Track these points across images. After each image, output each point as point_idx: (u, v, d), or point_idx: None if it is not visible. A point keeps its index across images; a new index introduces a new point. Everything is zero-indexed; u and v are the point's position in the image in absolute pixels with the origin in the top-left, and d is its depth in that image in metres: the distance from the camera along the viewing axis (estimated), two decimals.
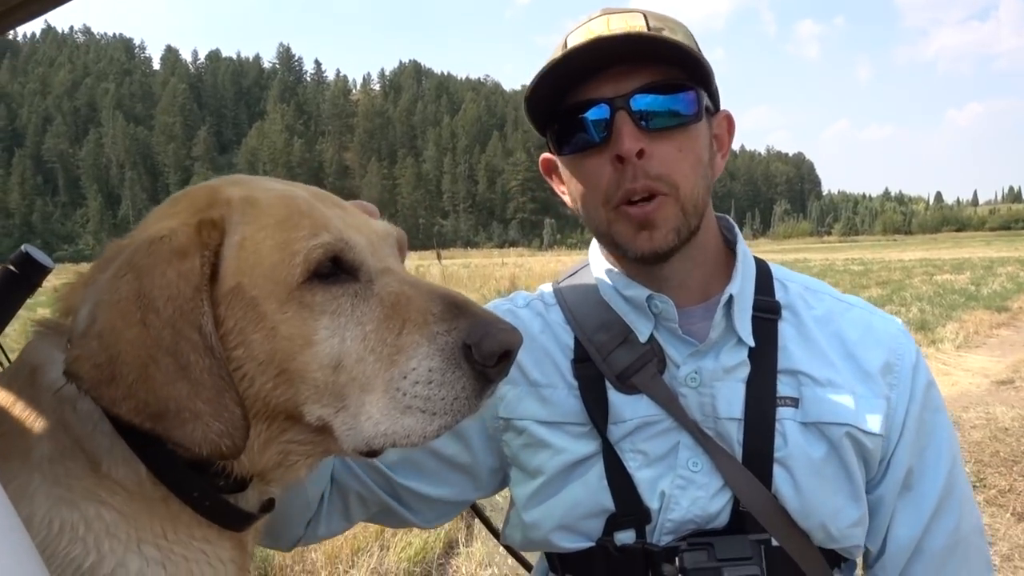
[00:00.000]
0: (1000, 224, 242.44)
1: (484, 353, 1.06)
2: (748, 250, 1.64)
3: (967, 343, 12.10)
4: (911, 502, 1.54)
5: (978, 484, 5.68)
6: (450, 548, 4.74)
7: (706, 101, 1.51)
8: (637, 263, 1.54)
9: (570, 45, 1.47)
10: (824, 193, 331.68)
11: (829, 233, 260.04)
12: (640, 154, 1.42)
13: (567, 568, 1.60)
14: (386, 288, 1.14)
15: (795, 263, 42.62)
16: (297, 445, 1.16)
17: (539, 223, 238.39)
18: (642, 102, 1.43)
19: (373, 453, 1.13)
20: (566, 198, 1.67)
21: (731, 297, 1.52)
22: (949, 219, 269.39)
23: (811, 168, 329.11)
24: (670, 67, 1.45)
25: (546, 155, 1.70)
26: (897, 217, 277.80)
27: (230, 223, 1.12)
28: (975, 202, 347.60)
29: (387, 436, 1.08)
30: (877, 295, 19.67)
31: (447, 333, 1.08)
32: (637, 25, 1.46)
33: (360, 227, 1.21)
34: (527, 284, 23.82)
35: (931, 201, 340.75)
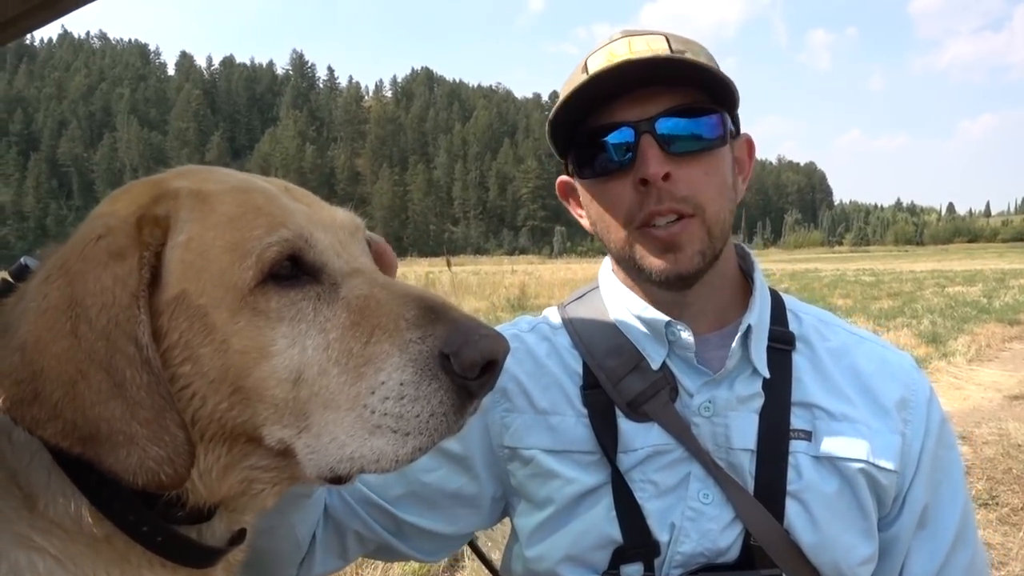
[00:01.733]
0: (1013, 236, 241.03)
1: (464, 363, 0.95)
2: (764, 278, 1.62)
3: (979, 356, 11.94)
4: (927, 539, 1.52)
5: (990, 502, 5.60)
6: (455, 561, 4.71)
7: (730, 124, 1.49)
8: (661, 287, 1.51)
9: (591, 68, 1.46)
10: (835, 203, 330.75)
11: (840, 243, 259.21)
12: (666, 177, 1.40)
13: None
14: (353, 291, 1.02)
15: (806, 273, 42.53)
16: (261, 471, 1.04)
17: (549, 231, 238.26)
18: (667, 125, 1.41)
19: (339, 480, 1.01)
20: (584, 221, 1.64)
21: (749, 327, 1.49)
22: (961, 230, 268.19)
23: (822, 178, 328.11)
24: (693, 90, 1.44)
25: (563, 178, 1.68)
26: (909, 228, 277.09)
27: (176, 220, 1.01)
28: (987, 213, 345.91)
29: (353, 460, 0.97)
30: (888, 307, 19.54)
31: (421, 341, 0.97)
32: (660, 48, 1.44)
33: (326, 223, 1.10)
34: (536, 292, 23.81)
35: (943, 212, 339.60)
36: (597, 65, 1.45)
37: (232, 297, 0.97)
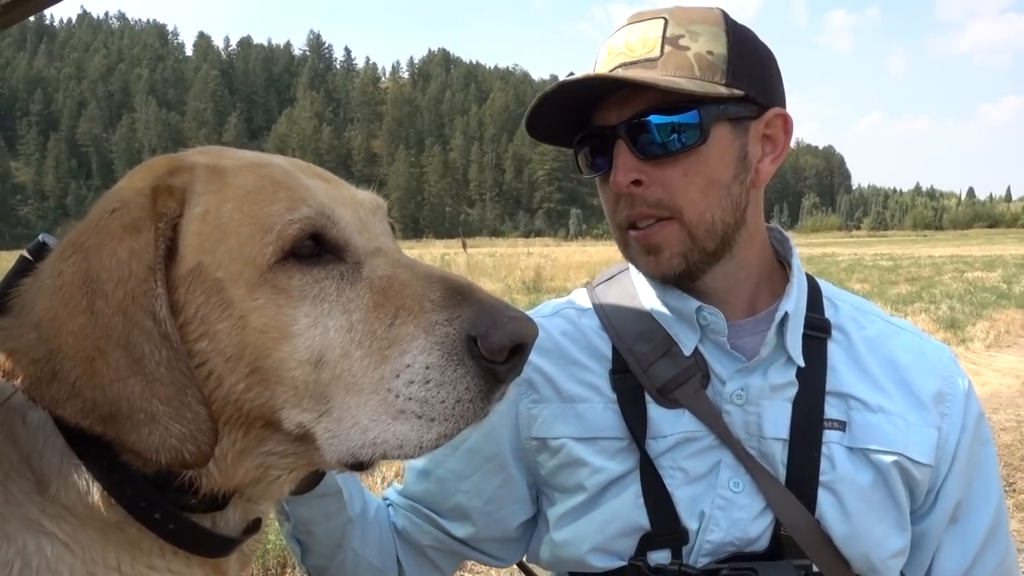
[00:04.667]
0: None
1: (492, 347, 0.92)
2: (801, 265, 1.58)
3: (997, 342, 11.87)
4: (959, 535, 1.52)
5: (1008, 489, 5.56)
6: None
7: (724, 113, 1.41)
8: (660, 282, 1.52)
9: (599, 59, 1.47)
10: (854, 187, 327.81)
11: (858, 227, 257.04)
12: (638, 183, 1.39)
13: None
14: (377, 271, 0.99)
15: (823, 257, 42.23)
16: (278, 457, 1.01)
17: (565, 213, 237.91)
18: (638, 129, 1.38)
19: (360, 466, 0.98)
20: None
21: (786, 314, 1.47)
22: (981, 215, 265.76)
23: (841, 161, 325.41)
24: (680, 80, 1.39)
25: None
26: (928, 212, 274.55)
27: (191, 193, 0.98)
28: (1008, 198, 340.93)
29: (376, 446, 0.93)
30: (906, 292, 19.40)
31: (447, 323, 0.93)
32: (653, 36, 1.41)
33: (347, 200, 1.07)
34: (552, 274, 23.76)
35: (963, 196, 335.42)
36: (598, 59, 1.47)
37: (251, 272, 0.94)
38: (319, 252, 0.98)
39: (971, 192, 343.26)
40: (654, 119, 1.38)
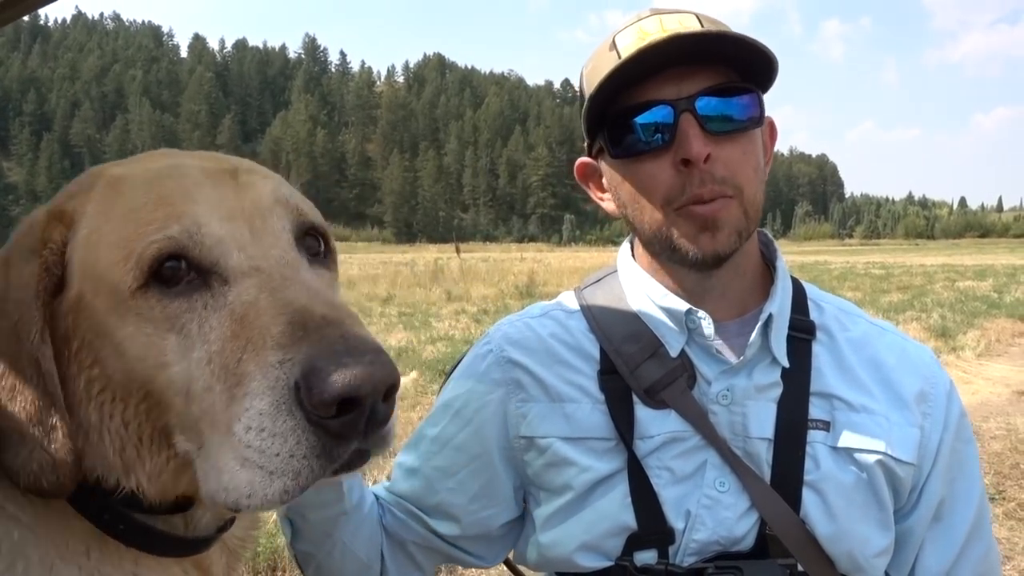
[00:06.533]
0: None
1: (314, 399, 0.79)
2: (786, 267, 1.60)
3: (988, 351, 11.90)
4: (942, 533, 1.53)
5: (997, 497, 5.59)
6: None
7: (764, 105, 1.48)
8: (693, 267, 1.49)
9: (621, 45, 1.44)
10: (847, 195, 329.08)
11: (851, 236, 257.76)
12: (707, 159, 1.39)
13: None
14: (242, 295, 0.89)
15: (815, 265, 42.37)
16: None
17: (559, 219, 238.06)
18: (707, 105, 1.39)
19: (232, 510, 0.91)
20: (606, 204, 1.63)
21: (770, 316, 1.48)
22: (972, 224, 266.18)
23: (834, 170, 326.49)
24: (727, 70, 1.43)
25: (583, 160, 1.65)
26: (920, 221, 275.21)
27: (81, 215, 0.94)
28: (1000, 208, 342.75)
29: (228, 492, 0.85)
30: (898, 300, 19.45)
31: (279, 365, 0.82)
32: (693, 26, 1.41)
33: (238, 211, 0.96)
34: (545, 279, 23.83)
35: (955, 206, 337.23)
36: (629, 42, 1.42)
37: (117, 299, 0.90)
38: (187, 275, 0.91)
39: (963, 202, 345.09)
40: (726, 98, 1.41)
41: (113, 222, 0.92)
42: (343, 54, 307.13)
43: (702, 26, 1.42)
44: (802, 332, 1.53)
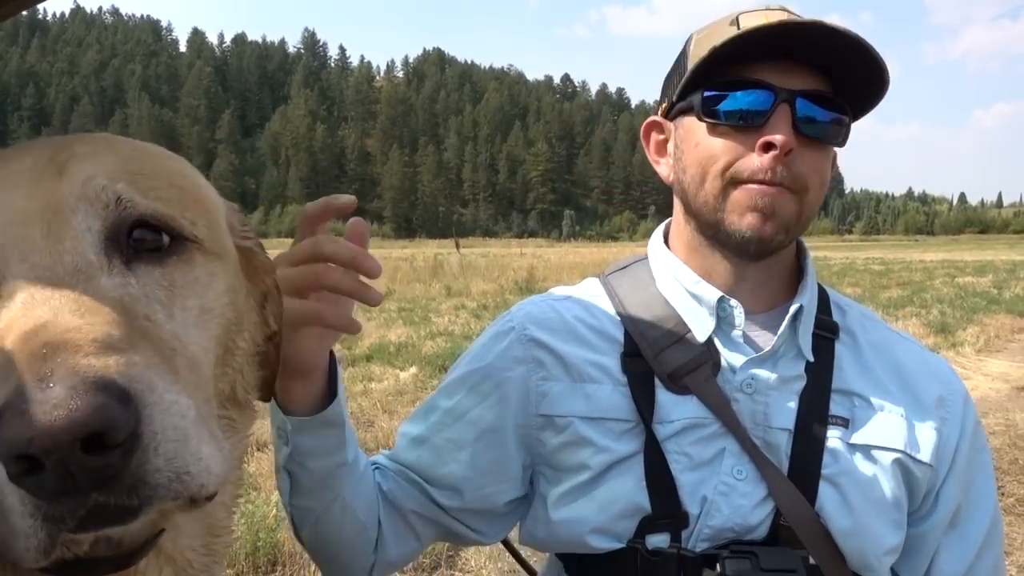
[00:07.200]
0: None
1: None
2: (814, 267, 1.63)
3: (988, 347, 11.90)
4: (957, 540, 1.54)
5: (997, 492, 5.57)
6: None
7: (849, 129, 1.49)
8: (734, 252, 1.50)
9: (745, 24, 1.44)
10: (847, 191, 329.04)
11: (850, 232, 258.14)
12: (789, 152, 1.39)
13: (586, 572, 1.56)
14: (4, 315, 0.75)
15: (815, 261, 41.84)
16: None
17: (558, 214, 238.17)
18: (805, 106, 1.41)
19: None
20: (661, 167, 1.62)
21: (800, 308, 1.50)
22: (972, 220, 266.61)
23: (834, 165, 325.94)
24: (828, 80, 1.44)
25: (655, 118, 1.65)
26: (920, 217, 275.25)
27: None
28: (999, 204, 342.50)
29: None
30: (897, 296, 19.47)
31: None
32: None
33: (34, 213, 0.79)
34: (545, 275, 23.79)
35: (955, 202, 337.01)
36: (752, 24, 1.42)
37: None
38: None
39: (963, 197, 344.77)
40: (821, 107, 1.43)
41: None
42: (342, 49, 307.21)
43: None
44: (826, 331, 1.55)
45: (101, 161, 0.88)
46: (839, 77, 1.43)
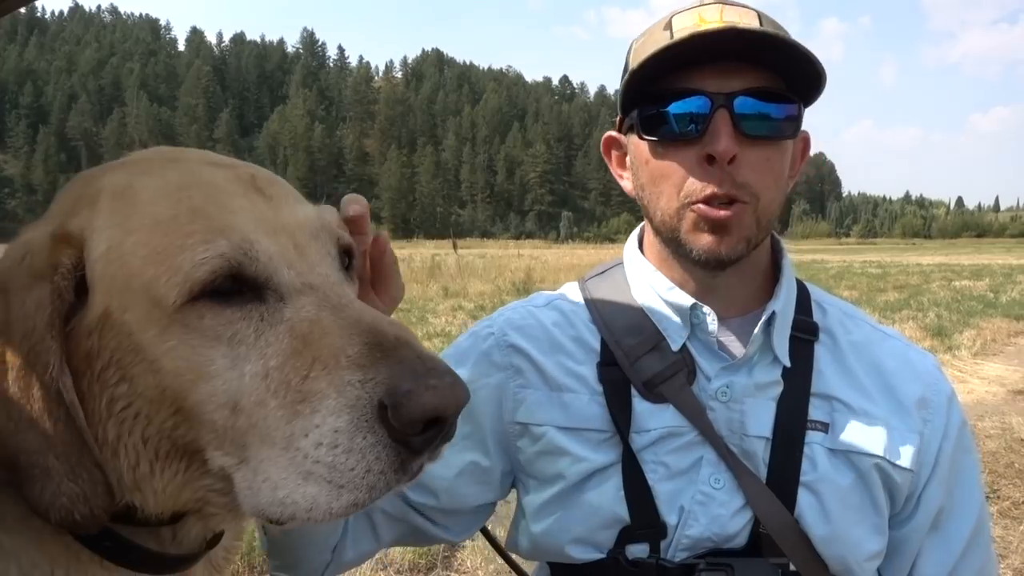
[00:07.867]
0: (1021, 231, 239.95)
1: (403, 419, 0.82)
2: (792, 268, 1.60)
3: (984, 351, 11.94)
4: (939, 542, 1.52)
5: (992, 495, 5.59)
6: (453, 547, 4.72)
7: (803, 118, 1.47)
8: (697, 265, 1.48)
9: (677, 27, 1.41)
10: (844, 194, 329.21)
11: (848, 235, 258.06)
12: (732, 160, 1.37)
13: None
14: (300, 312, 0.90)
15: (812, 264, 42.41)
16: (216, 495, 0.94)
17: (556, 216, 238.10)
18: (745, 105, 1.37)
19: (278, 522, 0.90)
20: (624, 182, 1.62)
21: (773, 314, 1.47)
22: (969, 224, 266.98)
23: (831, 169, 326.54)
24: (775, 75, 1.41)
25: (611, 133, 1.64)
26: (917, 221, 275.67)
27: (92, 231, 0.92)
28: (996, 208, 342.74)
29: (285, 505, 0.86)
30: (894, 299, 19.51)
31: (360, 385, 0.84)
32: (751, 23, 1.38)
33: (281, 226, 0.96)
34: (542, 276, 23.80)
35: (952, 205, 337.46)
36: (684, 25, 1.40)
37: (159, 314, 0.88)
38: (239, 289, 0.90)
39: (960, 201, 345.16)
40: (765, 103, 1.39)
41: (138, 235, 0.90)
42: (341, 49, 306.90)
43: (761, 25, 1.39)
44: (805, 333, 1.53)
45: (287, 185, 1.05)
46: (784, 69, 1.40)
